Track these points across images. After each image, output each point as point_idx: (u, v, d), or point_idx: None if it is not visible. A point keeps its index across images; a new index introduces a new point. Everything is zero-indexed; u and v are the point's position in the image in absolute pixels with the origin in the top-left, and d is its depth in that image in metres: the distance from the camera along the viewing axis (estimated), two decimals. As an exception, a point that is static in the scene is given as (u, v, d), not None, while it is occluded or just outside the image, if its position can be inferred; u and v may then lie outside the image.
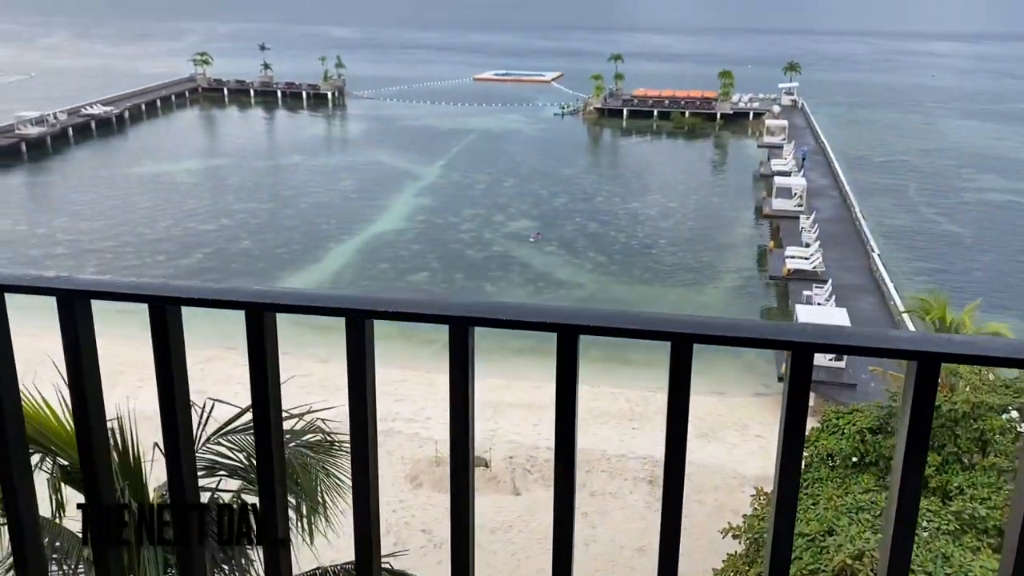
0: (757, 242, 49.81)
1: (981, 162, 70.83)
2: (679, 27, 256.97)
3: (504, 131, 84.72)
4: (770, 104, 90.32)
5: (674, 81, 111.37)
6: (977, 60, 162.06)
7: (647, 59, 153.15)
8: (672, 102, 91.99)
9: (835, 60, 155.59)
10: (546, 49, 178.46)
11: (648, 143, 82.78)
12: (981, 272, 45.00)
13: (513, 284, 43.18)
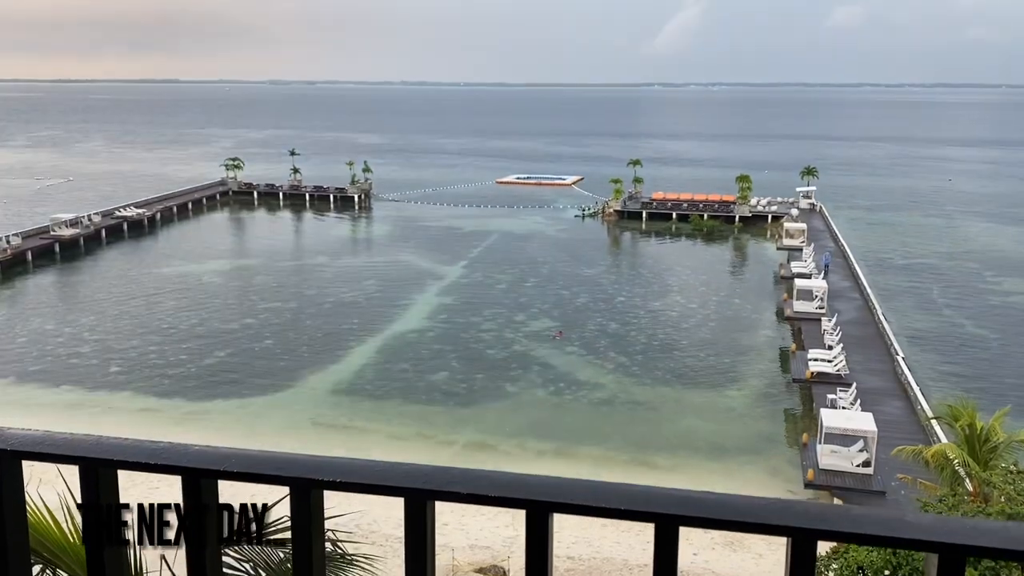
0: (779, 344, 49.46)
1: (1004, 265, 70.63)
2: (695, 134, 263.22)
3: (525, 232, 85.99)
4: (788, 207, 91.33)
5: (692, 185, 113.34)
6: (992, 165, 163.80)
7: (665, 164, 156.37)
8: (691, 205, 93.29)
9: (850, 165, 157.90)
10: (566, 154, 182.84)
11: (668, 245, 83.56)
12: (1011, 378, 44.19)
13: (534, 385, 42.93)
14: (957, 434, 22.34)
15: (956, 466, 21.68)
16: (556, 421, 38.48)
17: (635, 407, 40.21)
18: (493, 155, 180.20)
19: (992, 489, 18.69)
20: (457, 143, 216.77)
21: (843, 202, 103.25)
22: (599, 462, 34.13)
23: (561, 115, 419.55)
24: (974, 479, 20.65)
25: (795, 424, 37.94)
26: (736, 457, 34.71)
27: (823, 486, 29.15)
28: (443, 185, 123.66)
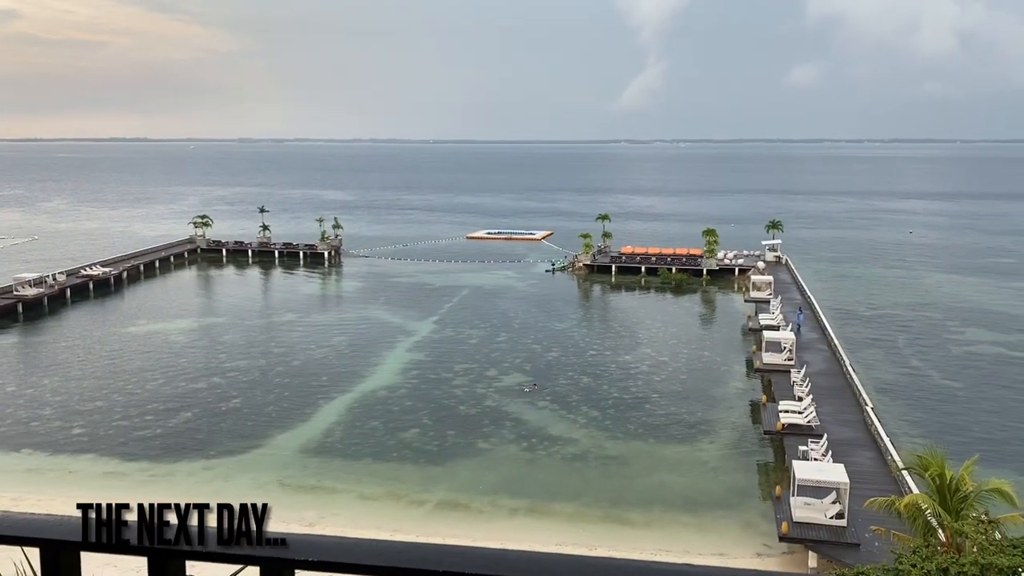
0: (750, 396, 49.71)
1: (967, 315, 72.04)
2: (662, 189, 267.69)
3: (496, 287, 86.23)
4: (755, 260, 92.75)
5: (660, 239, 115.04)
6: (948, 217, 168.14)
7: (633, 218, 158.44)
8: (659, 259, 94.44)
9: (813, 218, 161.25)
10: (535, 209, 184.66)
11: (637, 298, 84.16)
12: (977, 427, 44.73)
13: (506, 441, 42.57)
14: (928, 484, 22.45)
15: (928, 516, 21.76)
16: (529, 478, 38.10)
17: (608, 462, 39.98)
18: (462, 211, 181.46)
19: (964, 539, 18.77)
20: (426, 199, 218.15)
21: (808, 255, 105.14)
22: (572, 519, 33.77)
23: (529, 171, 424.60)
24: (946, 529, 20.73)
25: (768, 476, 37.92)
26: (710, 511, 34.53)
27: (797, 539, 29.05)
28: (413, 241, 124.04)
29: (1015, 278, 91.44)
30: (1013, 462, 38.83)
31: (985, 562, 15.68)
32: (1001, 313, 72.98)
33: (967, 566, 15.50)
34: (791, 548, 29.95)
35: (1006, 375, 54.21)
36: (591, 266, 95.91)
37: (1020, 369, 55.54)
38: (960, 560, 15.83)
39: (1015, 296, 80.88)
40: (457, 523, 33.64)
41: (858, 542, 27.86)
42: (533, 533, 32.40)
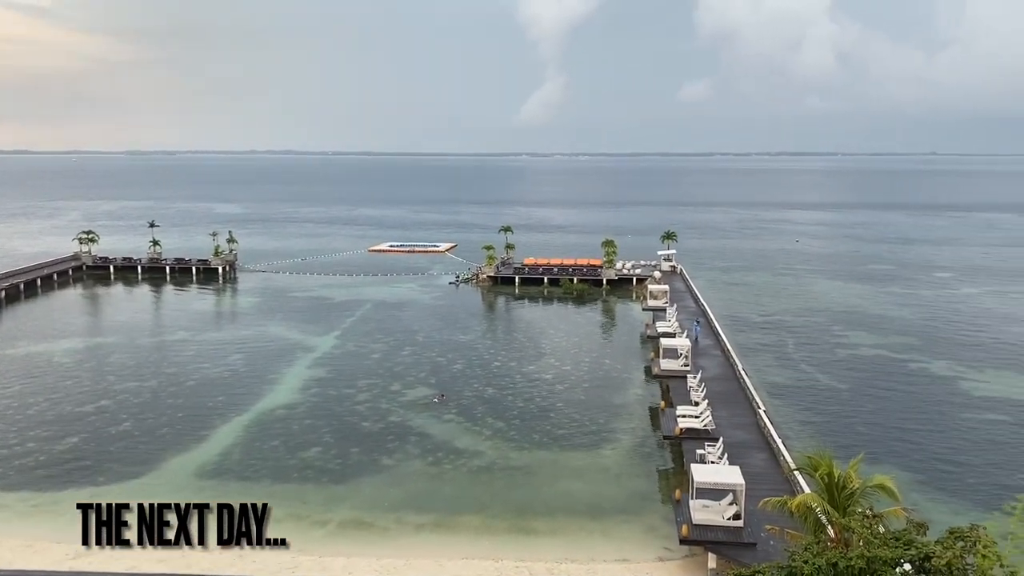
0: (649, 402, 50.90)
1: (849, 319, 75.91)
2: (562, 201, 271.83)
3: (400, 300, 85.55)
4: (651, 270, 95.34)
5: (561, 250, 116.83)
6: (831, 227, 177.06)
7: (535, 230, 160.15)
8: (561, 269, 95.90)
9: (705, 228, 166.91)
10: (438, 222, 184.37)
11: (540, 308, 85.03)
12: (862, 426, 47.12)
13: (411, 456, 42.18)
14: (817, 483, 23.47)
15: (818, 514, 22.76)
16: (435, 492, 37.86)
17: (513, 472, 40.15)
18: (364, 223, 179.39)
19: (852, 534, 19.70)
20: (326, 212, 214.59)
21: (701, 264, 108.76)
22: (479, 532, 33.73)
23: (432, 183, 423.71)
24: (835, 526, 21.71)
25: (668, 480, 38.86)
26: (613, 517, 35.12)
27: (697, 541, 29.86)
28: (312, 254, 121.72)
29: (892, 283, 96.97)
30: (895, 458, 41.08)
31: (871, 555, 16.50)
32: (880, 316, 77.23)
33: (854, 560, 16.26)
34: (692, 550, 30.76)
35: (886, 376, 57.34)
36: (495, 277, 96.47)
37: (899, 369, 58.85)
38: (848, 555, 16.60)
39: (893, 300, 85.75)
40: (361, 541, 33.09)
41: (754, 542, 28.87)
42: (439, 548, 32.20)
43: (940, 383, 55.44)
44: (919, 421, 47.61)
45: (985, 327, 72.38)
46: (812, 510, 22.32)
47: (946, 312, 79.50)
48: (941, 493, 37.49)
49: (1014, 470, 40.13)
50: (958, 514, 33.11)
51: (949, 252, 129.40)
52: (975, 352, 63.26)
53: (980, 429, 46.18)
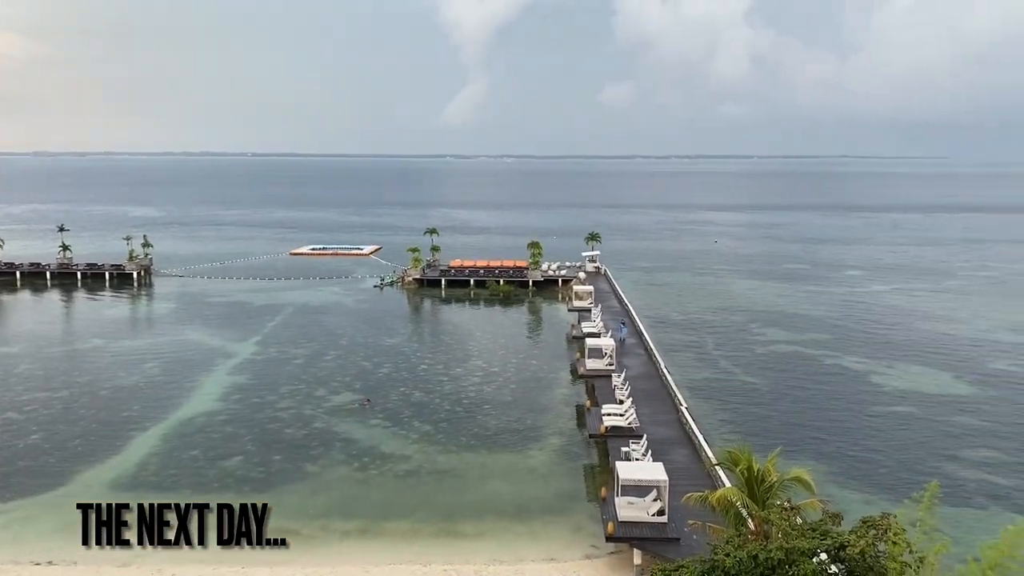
0: (575, 401, 51.39)
1: (766, 317, 78.18)
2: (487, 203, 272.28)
3: (323, 304, 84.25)
4: (576, 271, 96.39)
5: (487, 252, 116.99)
6: (747, 227, 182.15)
7: (460, 232, 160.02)
8: (487, 271, 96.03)
9: (628, 230, 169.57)
10: (362, 224, 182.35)
11: (467, 310, 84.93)
12: (779, 420, 48.58)
13: (336, 462, 41.56)
14: (737, 477, 24.07)
15: (739, 507, 23.34)
16: (361, 498, 37.40)
17: (441, 476, 39.97)
18: (284, 226, 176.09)
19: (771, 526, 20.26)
20: (245, 214, 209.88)
21: (624, 265, 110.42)
22: (406, 536, 33.46)
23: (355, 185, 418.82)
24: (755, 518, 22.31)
25: (594, 479, 39.29)
26: (541, 517, 35.32)
27: (623, 538, 30.26)
28: (231, 258, 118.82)
29: (806, 282, 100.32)
30: (811, 451, 42.48)
31: (789, 546, 17.00)
32: (796, 314, 79.79)
33: (773, 551, 16.73)
34: (618, 547, 31.16)
35: (802, 371, 59.26)
36: (421, 280, 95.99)
37: (813, 365, 60.89)
38: (768, 546, 17.06)
39: (807, 299, 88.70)
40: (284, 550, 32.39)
41: (678, 537, 29.42)
42: (365, 554, 31.82)
43: (852, 378, 57.58)
44: (833, 415, 49.35)
45: (893, 323, 75.53)
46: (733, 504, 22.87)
47: (857, 309, 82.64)
48: (854, 484, 38.92)
49: (921, 459, 41.96)
50: (870, 503, 34.45)
51: (859, 251, 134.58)
52: (884, 347, 65.93)
53: (890, 421, 48.14)
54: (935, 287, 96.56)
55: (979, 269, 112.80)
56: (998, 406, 50.71)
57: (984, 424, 47.37)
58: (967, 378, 56.91)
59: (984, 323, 75.43)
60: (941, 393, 53.62)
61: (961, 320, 76.93)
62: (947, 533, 21.68)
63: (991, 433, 45.85)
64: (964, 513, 34.93)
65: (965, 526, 32.35)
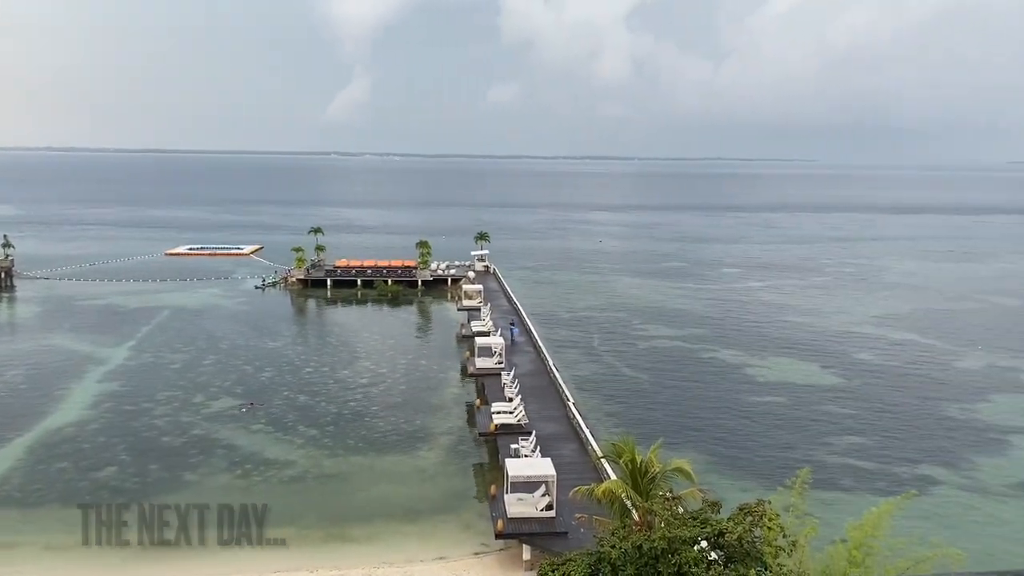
0: (465, 400, 51.47)
1: (648, 314, 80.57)
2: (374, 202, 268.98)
3: (201, 306, 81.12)
4: (465, 270, 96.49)
5: (375, 251, 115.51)
6: (630, 227, 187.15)
7: (346, 231, 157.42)
8: (374, 271, 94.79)
9: (516, 229, 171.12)
10: (239, 223, 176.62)
11: (354, 311, 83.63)
12: (661, 412, 50.18)
13: (217, 470, 40.11)
14: (622, 470, 24.68)
15: (624, 499, 23.94)
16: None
17: (328, 480, 39.23)
18: (159, 225, 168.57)
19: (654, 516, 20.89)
20: (117, 213, 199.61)
21: (513, 264, 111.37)
22: (292, 542, 32.66)
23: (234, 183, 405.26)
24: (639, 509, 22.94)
25: (484, 477, 39.47)
26: (430, 518, 35.21)
27: (512, 535, 30.52)
28: (102, 259, 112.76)
29: (686, 279, 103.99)
30: (691, 442, 44.07)
31: (671, 535, 17.60)
32: (676, 310, 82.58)
33: (657, 541, 17.29)
34: (507, 544, 31.42)
35: (682, 365, 61.40)
36: (305, 280, 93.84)
37: (693, 359, 63.19)
38: (651, 536, 17.61)
39: (685, 295, 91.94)
40: (164, 562, 31.07)
41: (566, 531, 29.91)
42: (249, 563, 30.87)
43: (729, 370, 60.09)
44: (711, 406, 51.37)
45: (766, 318, 79.30)
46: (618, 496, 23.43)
47: (733, 305, 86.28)
48: (732, 472, 40.64)
49: (793, 447, 44.25)
50: (747, 490, 36.03)
51: (734, 249, 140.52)
52: (758, 341, 69.12)
53: (764, 411, 50.53)
54: (803, 283, 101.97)
55: (843, 266, 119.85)
56: (861, 395, 54.06)
57: (849, 412, 50.41)
58: (833, 369, 60.39)
59: (847, 317, 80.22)
60: (810, 383, 56.69)
61: (827, 314, 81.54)
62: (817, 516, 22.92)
63: (855, 420, 48.84)
64: (833, 496, 37.06)
65: (834, 509, 34.31)
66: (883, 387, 55.84)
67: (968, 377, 58.57)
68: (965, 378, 58.31)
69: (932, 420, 49.00)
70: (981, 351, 66.05)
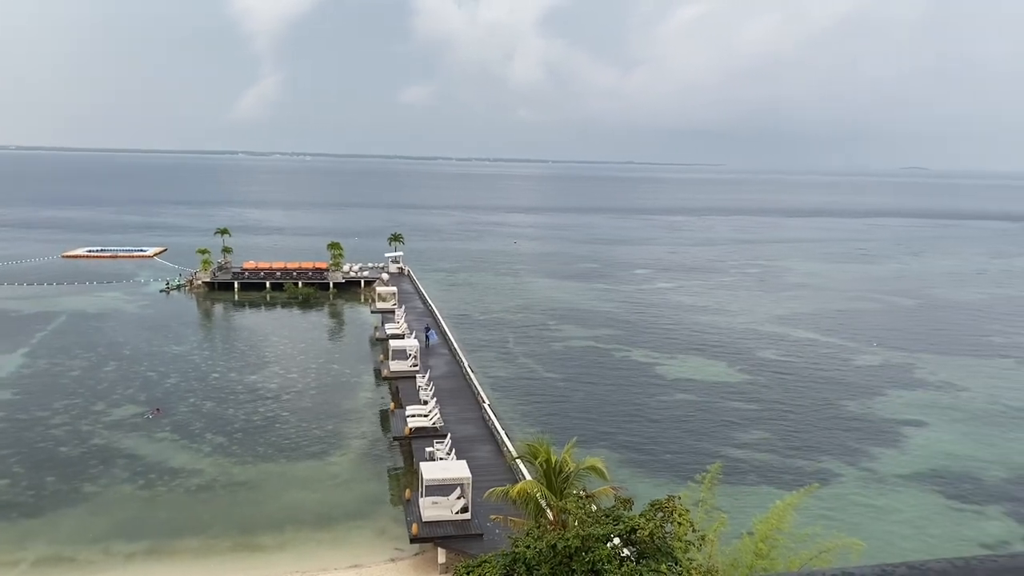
0: (379, 404, 50.92)
1: (563, 314, 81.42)
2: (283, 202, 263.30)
3: (102, 311, 77.78)
4: (379, 272, 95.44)
5: (284, 253, 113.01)
6: (543, 229, 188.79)
7: (254, 232, 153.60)
8: (284, 273, 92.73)
9: (429, 231, 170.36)
10: (144, 224, 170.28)
11: (263, 315, 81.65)
12: (575, 412, 50.77)
13: (119, 480, 38.53)
14: (537, 470, 24.90)
15: (538, 499, 24.15)
16: (148, 517, 34.92)
17: (237, 489, 38.17)
18: (56, 226, 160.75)
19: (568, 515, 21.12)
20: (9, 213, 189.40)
21: (428, 265, 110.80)
22: (199, 554, 31.66)
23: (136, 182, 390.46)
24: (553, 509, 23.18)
25: (398, 481, 39.13)
26: (344, 524, 34.69)
27: (427, 538, 30.37)
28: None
29: (599, 280, 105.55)
30: (604, 440, 44.75)
31: (585, 533, 17.81)
32: (589, 311, 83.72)
33: (571, 539, 17.47)
34: (422, 548, 31.23)
35: (595, 364, 62.29)
36: (212, 283, 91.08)
37: (606, 358, 64.19)
38: (565, 535, 17.78)
39: (598, 296, 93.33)
40: (61, 581, 29.66)
41: (481, 533, 29.94)
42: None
43: (640, 369, 61.29)
44: (624, 404, 52.29)
45: (675, 318, 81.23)
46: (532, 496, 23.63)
47: (644, 305, 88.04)
48: (644, 469, 41.46)
49: (703, 443, 45.45)
50: (659, 487, 36.79)
51: (644, 251, 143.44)
52: (668, 340, 70.74)
53: (674, 408, 51.74)
54: (710, 284, 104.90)
55: (747, 267, 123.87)
56: (766, 392, 55.96)
57: (755, 408, 52.11)
58: (740, 367, 62.32)
59: (752, 316, 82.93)
60: (718, 381, 58.35)
61: (733, 314, 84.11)
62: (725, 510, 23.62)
63: (761, 416, 50.52)
64: (740, 491, 38.22)
65: (741, 502, 35.40)
66: (787, 384, 57.95)
67: (865, 373, 61.36)
68: (862, 374, 61.06)
69: (832, 415, 51.13)
70: (877, 348, 69.30)
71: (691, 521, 18.55)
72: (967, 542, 34.36)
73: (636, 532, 17.71)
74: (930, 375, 60.97)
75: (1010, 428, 49.34)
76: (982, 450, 45.39)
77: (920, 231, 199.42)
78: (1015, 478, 41.63)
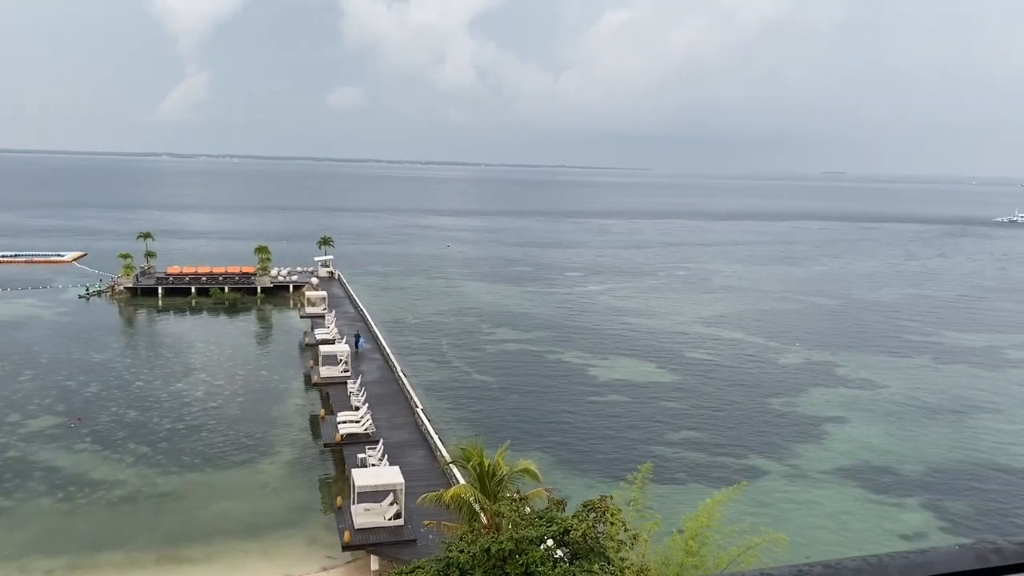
0: (309, 411, 50.12)
1: (495, 317, 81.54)
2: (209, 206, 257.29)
3: (16, 318, 74.61)
4: (308, 276, 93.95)
5: (210, 258, 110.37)
6: (476, 232, 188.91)
7: (178, 236, 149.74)
8: (210, 278, 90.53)
9: (359, 235, 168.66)
10: (61, 228, 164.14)
11: (188, 320, 79.53)
12: (508, 415, 50.89)
13: (36, 494, 37.01)
14: (470, 474, 24.87)
15: (472, 503, 24.12)
16: (68, 531, 33.63)
17: (161, 499, 37.08)
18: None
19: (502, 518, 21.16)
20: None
21: (359, 269, 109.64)
22: (122, 568, 30.64)
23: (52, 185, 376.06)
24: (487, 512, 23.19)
25: (330, 488, 38.58)
26: (273, 533, 34.03)
27: (359, 545, 30.02)
28: None
29: (532, 283, 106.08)
30: (537, 442, 44.97)
31: (519, 536, 17.88)
32: (522, 314, 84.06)
33: (504, 542, 17.51)
34: (355, 555, 30.86)
35: (529, 367, 62.57)
36: (134, 289, 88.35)
37: (539, 361, 64.54)
38: (499, 538, 17.81)
39: (531, 299, 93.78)
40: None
41: (415, 539, 29.75)
42: None
43: (572, 371, 61.82)
44: (556, 406, 52.65)
45: (606, 320, 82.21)
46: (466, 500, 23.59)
47: (575, 308, 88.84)
48: (577, 470, 41.82)
49: (634, 442, 46.09)
50: (591, 487, 37.15)
51: (575, 254, 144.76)
52: (599, 342, 71.52)
53: (606, 409, 52.34)
54: (640, 286, 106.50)
55: (675, 269, 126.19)
56: (695, 392, 57.09)
57: (684, 408, 53.10)
58: (669, 368, 63.42)
59: (680, 318, 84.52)
60: (648, 382, 59.27)
61: (662, 315, 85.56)
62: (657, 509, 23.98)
63: (690, 416, 51.51)
64: (671, 489, 38.89)
65: (672, 501, 35.99)
66: (714, 384, 59.22)
67: (789, 372, 63.16)
68: (786, 373, 62.83)
69: (758, 414, 52.46)
70: (799, 347, 71.40)
71: (623, 520, 18.81)
72: (887, 534, 35.69)
73: (569, 533, 17.86)
74: (850, 373, 63.11)
75: (926, 424, 51.45)
76: (900, 445, 47.20)
77: (839, 234, 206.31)
78: (931, 471, 43.42)
